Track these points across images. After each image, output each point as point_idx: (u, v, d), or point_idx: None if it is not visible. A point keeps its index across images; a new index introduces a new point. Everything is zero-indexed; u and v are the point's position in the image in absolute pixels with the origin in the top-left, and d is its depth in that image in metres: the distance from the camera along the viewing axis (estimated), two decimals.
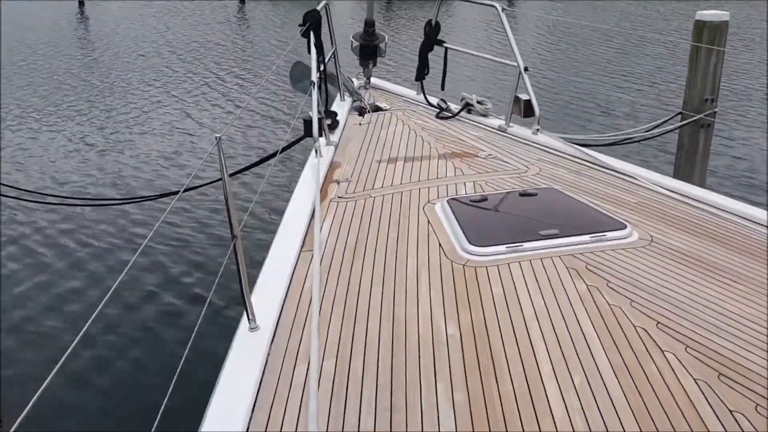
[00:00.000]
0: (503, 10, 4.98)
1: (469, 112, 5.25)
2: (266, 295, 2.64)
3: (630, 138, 6.99)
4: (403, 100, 5.79)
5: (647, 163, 8.28)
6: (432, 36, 5.57)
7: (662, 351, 2.23)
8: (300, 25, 4.77)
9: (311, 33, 4.72)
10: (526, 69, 4.80)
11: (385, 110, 5.51)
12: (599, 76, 14.16)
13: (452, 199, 3.49)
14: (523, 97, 4.80)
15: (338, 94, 5.68)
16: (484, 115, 5.17)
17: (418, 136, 4.72)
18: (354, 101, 5.74)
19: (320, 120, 4.26)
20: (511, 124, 4.91)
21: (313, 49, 4.68)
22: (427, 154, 4.36)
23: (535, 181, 3.79)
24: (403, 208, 3.49)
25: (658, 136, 6.98)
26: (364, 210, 3.50)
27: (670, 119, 6.89)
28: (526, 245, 2.91)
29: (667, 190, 3.66)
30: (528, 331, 2.37)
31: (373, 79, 6.10)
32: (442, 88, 5.60)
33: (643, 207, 3.43)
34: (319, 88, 4.66)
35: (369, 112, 5.46)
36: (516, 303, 2.53)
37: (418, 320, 2.47)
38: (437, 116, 5.23)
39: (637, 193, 3.65)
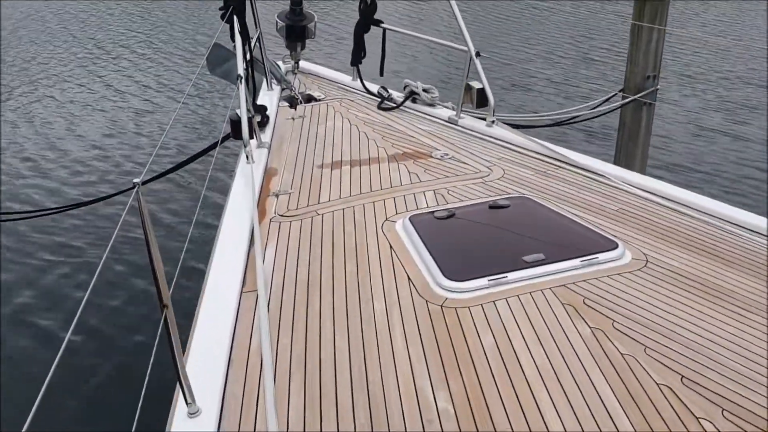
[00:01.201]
0: None
1: (414, 101, 4.80)
2: (205, 365, 2.14)
3: (573, 118, 6.74)
4: (338, 88, 5.29)
5: (590, 144, 8.11)
6: (367, 15, 5.07)
7: (694, 416, 1.89)
8: (220, 9, 4.16)
9: (234, 18, 4.13)
10: (478, 54, 4.39)
11: (320, 100, 5.00)
12: (538, 54, 13.97)
13: (414, 215, 3.06)
14: (476, 85, 4.39)
15: (264, 82, 5.10)
16: (431, 105, 4.75)
17: (361, 133, 4.26)
18: (283, 89, 5.18)
19: (250, 119, 3.72)
20: (462, 115, 4.50)
21: (238, 37, 4.11)
22: (375, 155, 3.90)
23: (501, 188, 3.41)
24: (358, 228, 3.04)
25: (600, 115, 6.76)
26: (312, 232, 3.03)
27: (611, 98, 6.67)
28: (511, 276, 2.53)
29: (646, 192, 3.36)
30: (533, 394, 1.99)
31: (302, 63, 5.55)
32: (381, 74, 5.13)
33: (627, 216, 3.11)
34: (247, 81, 4.09)
35: (301, 102, 4.93)
36: (513, 357, 2.15)
37: (399, 388, 2.05)
38: (379, 107, 4.77)
39: (615, 197, 3.33)
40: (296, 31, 5.26)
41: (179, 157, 7.28)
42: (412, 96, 4.80)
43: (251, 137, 3.75)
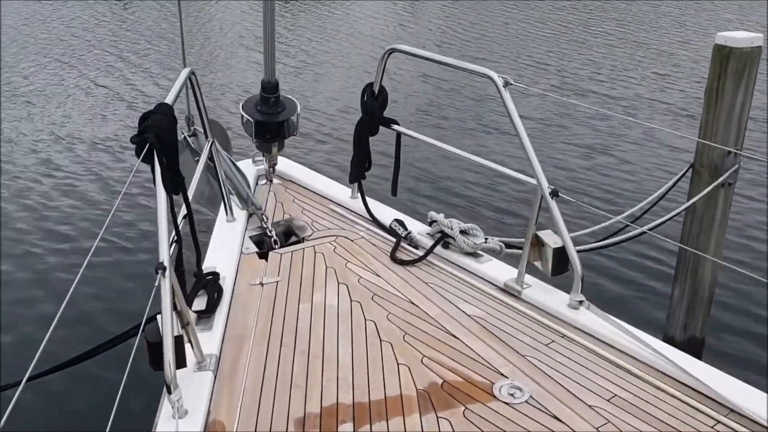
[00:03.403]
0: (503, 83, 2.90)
1: (445, 246, 3.20)
2: None
3: (636, 219, 5.12)
4: (331, 211, 3.66)
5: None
6: (374, 112, 3.44)
7: None
8: (133, 141, 2.42)
9: (155, 154, 2.40)
10: (555, 193, 2.80)
11: (304, 239, 3.38)
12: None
13: None
14: (551, 240, 2.81)
15: (222, 208, 3.47)
16: (474, 254, 3.15)
17: (368, 326, 2.67)
18: (250, 215, 3.55)
19: (178, 340, 2.12)
20: (526, 283, 2.92)
21: (160, 191, 2.38)
22: (393, 386, 2.34)
23: None
24: None
25: (661, 198, 5.21)
26: None
27: (680, 178, 5.15)
28: None
29: None
30: None
31: (280, 162, 3.93)
32: (394, 193, 3.52)
33: None
34: (179, 264, 2.47)
35: (275, 245, 3.31)
36: None
37: None
38: (394, 256, 3.16)
39: None
40: (271, 129, 3.62)
41: None
42: (443, 240, 3.20)
43: (179, 365, 2.14)
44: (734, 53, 4.75)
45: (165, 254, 2.16)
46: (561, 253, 2.79)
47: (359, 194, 3.61)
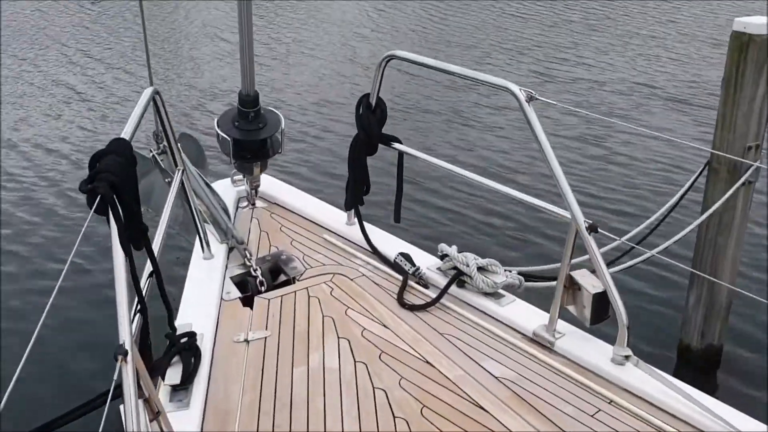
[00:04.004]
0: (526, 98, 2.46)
1: (460, 284, 2.78)
2: None
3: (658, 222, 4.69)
4: (325, 241, 3.20)
5: None
6: (372, 128, 2.97)
7: None
8: (83, 190, 1.92)
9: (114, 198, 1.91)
10: (593, 228, 2.37)
11: (294, 279, 2.94)
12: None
13: None
14: (589, 285, 2.39)
15: (198, 245, 3.02)
16: (492, 294, 2.73)
17: (377, 400, 2.25)
18: (230, 249, 3.10)
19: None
20: (559, 331, 2.50)
21: (117, 252, 1.90)
22: None
23: None
24: None
25: (677, 202, 4.81)
26: None
27: (697, 177, 4.75)
28: None
29: None
30: None
31: (264, 183, 3.46)
32: (397, 219, 3.07)
33: None
34: (145, 346, 2.02)
35: (261, 287, 2.87)
36: None
37: None
38: (402, 300, 2.73)
39: None
40: (251, 148, 3.15)
41: None
42: (457, 278, 2.77)
43: None
44: (754, 41, 4.34)
45: (126, 333, 1.70)
46: (601, 299, 2.38)
47: (357, 220, 3.16)
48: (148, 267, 2.24)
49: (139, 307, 2.03)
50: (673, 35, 13.04)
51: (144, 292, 2.10)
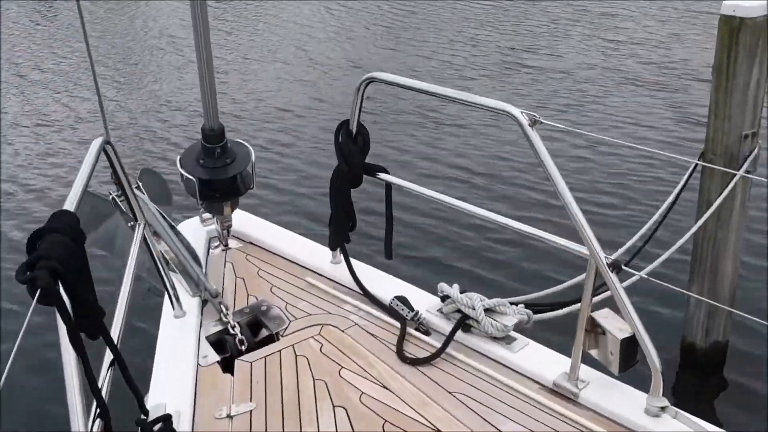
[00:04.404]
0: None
1: (466, 329, 2.49)
2: None
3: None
4: (307, 286, 2.89)
5: None
6: (354, 158, 2.66)
7: None
8: (22, 281, 1.59)
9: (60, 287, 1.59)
10: (617, 267, 2.09)
11: (277, 336, 2.64)
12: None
13: None
14: (616, 329, 2.12)
15: (166, 301, 2.70)
16: (504, 338, 2.45)
17: None
18: (204, 303, 2.78)
19: None
20: (582, 379, 2.23)
21: (67, 353, 1.59)
22: None
23: None
24: None
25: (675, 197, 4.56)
26: None
27: (692, 171, 4.52)
28: None
29: None
30: None
31: (236, 220, 3.14)
32: (388, 255, 2.76)
33: None
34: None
35: (242, 346, 2.57)
36: None
37: None
38: (400, 352, 2.44)
39: None
40: (220, 187, 2.84)
41: None
42: (463, 323, 2.48)
43: None
44: (746, 24, 4.11)
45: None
46: (630, 343, 2.11)
47: (344, 259, 2.85)
48: (109, 354, 1.92)
49: (98, 411, 1.71)
50: (640, 17, 12.81)
51: (104, 390, 1.78)
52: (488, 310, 2.45)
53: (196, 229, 3.26)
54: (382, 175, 2.66)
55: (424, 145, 8.02)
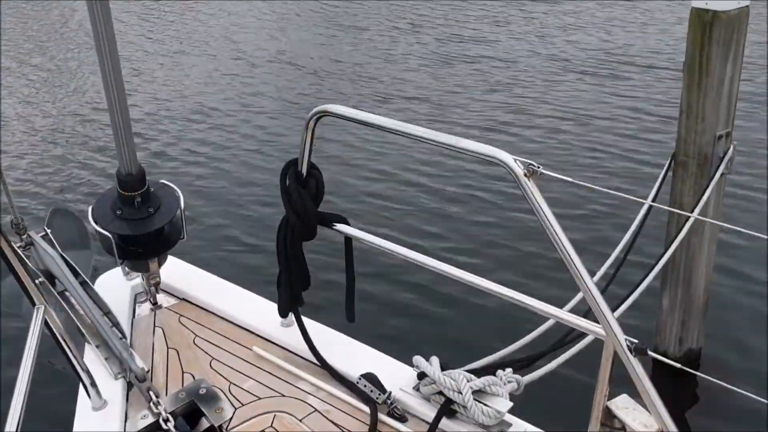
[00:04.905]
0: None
1: (450, 414, 2.08)
2: None
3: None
4: (255, 358, 2.42)
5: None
6: (306, 207, 2.17)
7: None
8: None
9: None
10: (642, 351, 1.71)
11: (221, 429, 2.17)
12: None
13: None
14: (641, 425, 1.74)
15: (83, 390, 2.20)
16: (498, 424, 2.05)
17: None
18: (128, 383, 2.30)
19: None
20: None
21: None
22: None
23: None
24: None
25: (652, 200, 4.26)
26: None
27: (665, 174, 4.22)
28: None
29: None
30: None
31: (166, 274, 2.63)
32: (350, 317, 2.30)
33: None
34: None
35: None
36: None
37: None
38: None
39: None
40: (144, 242, 2.34)
41: None
42: (448, 406, 2.06)
43: None
44: (719, 18, 3.80)
45: None
46: None
47: (298, 325, 2.38)
48: None
49: None
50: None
51: None
52: (477, 391, 2.04)
53: (118, 284, 2.73)
54: (341, 227, 2.20)
55: (392, 188, 6.51)
